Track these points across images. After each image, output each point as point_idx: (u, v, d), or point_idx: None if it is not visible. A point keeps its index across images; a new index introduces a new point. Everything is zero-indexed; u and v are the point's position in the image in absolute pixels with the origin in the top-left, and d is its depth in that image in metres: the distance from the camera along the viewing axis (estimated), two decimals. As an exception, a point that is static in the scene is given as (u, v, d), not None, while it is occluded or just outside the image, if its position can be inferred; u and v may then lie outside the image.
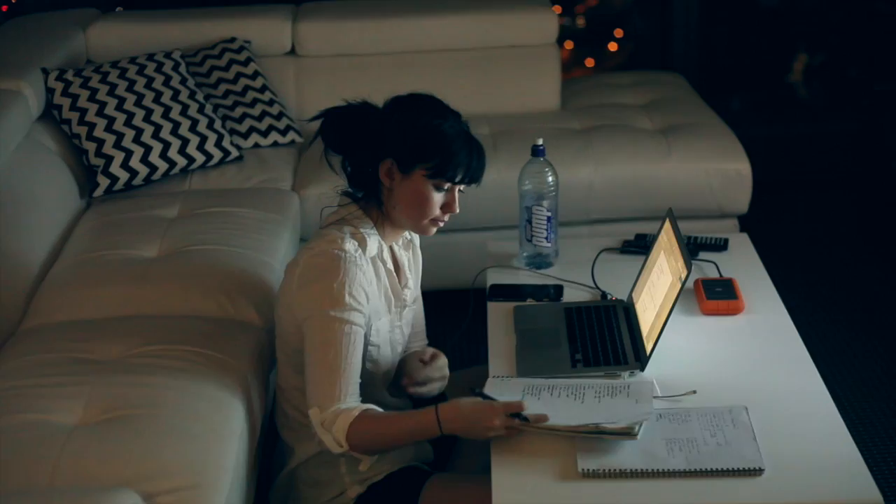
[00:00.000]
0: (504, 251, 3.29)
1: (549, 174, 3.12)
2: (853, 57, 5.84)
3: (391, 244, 2.72)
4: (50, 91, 3.96)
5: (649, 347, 2.65)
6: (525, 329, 2.86)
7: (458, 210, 2.63)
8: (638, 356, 2.69)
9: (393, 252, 2.72)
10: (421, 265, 2.85)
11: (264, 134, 4.33)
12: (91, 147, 3.93)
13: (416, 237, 2.82)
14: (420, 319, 2.92)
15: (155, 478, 2.37)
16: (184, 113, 4.09)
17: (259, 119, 4.34)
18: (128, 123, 3.98)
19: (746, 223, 4.22)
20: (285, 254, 3.56)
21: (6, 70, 3.85)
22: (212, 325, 3.02)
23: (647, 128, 4.45)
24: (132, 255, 3.41)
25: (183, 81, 4.20)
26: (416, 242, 2.83)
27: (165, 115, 4.05)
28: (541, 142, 3.14)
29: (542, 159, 3.12)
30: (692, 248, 3.22)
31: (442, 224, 2.64)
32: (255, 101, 4.38)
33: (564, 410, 2.45)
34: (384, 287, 2.67)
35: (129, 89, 4.06)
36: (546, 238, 3.15)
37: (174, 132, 4.03)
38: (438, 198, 2.59)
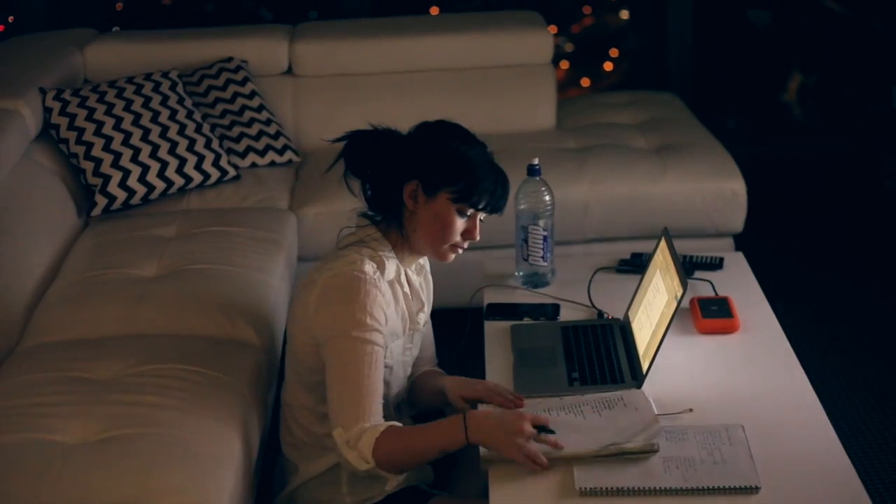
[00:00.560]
0: (501, 270, 3.30)
1: (546, 193, 3.13)
2: (847, 76, 5.87)
3: (407, 269, 2.74)
4: (47, 110, 3.97)
5: (645, 366, 2.66)
6: (522, 348, 2.87)
7: (478, 238, 2.64)
8: (634, 374, 2.70)
9: (407, 276, 2.74)
10: (432, 290, 2.86)
11: (261, 153, 4.34)
12: (89, 166, 3.94)
13: (427, 262, 2.83)
14: (430, 342, 2.93)
15: (154, 497, 2.37)
16: (181, 132, 4.11)
17: (256, 138, 4.36)
18: (125, 143, 3.99)
19: (741, 242, 4.24)
20: (283, 273, 3.57)
21: (3, 89, 3.86)
22: (210, 344, 3.03)
23: (642, 147, 4.47)
24: (130, 274, 3.42)
25: (180, 101, 4.21)
26: (427, 268, 2.84)
27: (163, 135, 4.06)
28: (537, 161, 3.15)
29: (538, 179, 3.14)
30: (688, 267, 3.23)
31: (461, 251, 2.66)
32: (252, 121, 4.39)
33: (573, 431, 2.46)
34: (401, 310, 2.68)
35: (127, 109, 4.07)
36: (542, 257, 3.17)
37: (172, 151, 4.04)
38: (460, 223, 2.61)
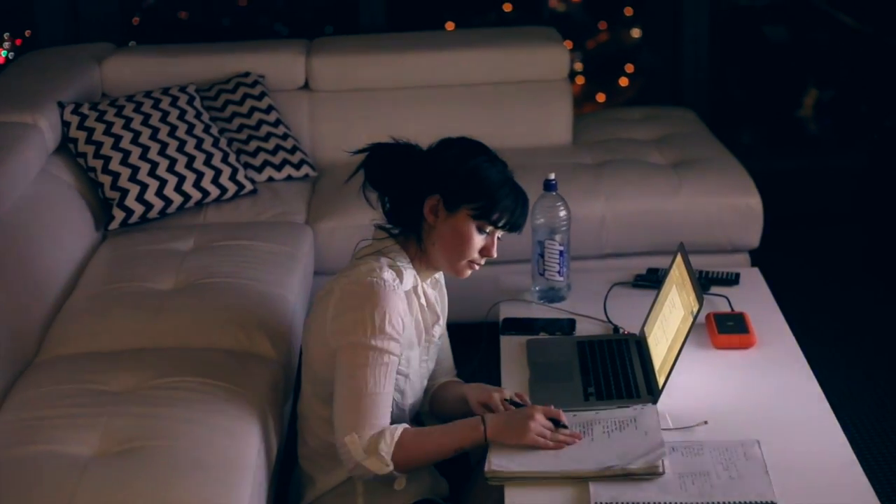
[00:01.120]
0: (517, 285, 3.30)
1: (562, 208, 3.14)
2: (863, 92, 5.87)
3: (423, 282, 2.74)
4: (65, 124, 3.99)
5: (661, 381, 2.66)
6: (538, 362, 2.88)
7: (495, 255, 2.66)
8: (650, 389, 2.70)
9: (423, 289, 2.74)
10: (446, 302, 2.87)
11: (278, 168, 4.36)
12: (106, 180, 3.96)
13: (442, 276, 2.84)
14: (447, 354, 2.95)
15: (170, 509, 2.38)
16: (198, 146, 4.12)
17: (273, 153, 4.37)
18: (143, 157, 4.01)
19: (757, 258, 4.23)
20: (299, 287, 3.58)
21: (22, 103, 3.88)
22: (227, 357, 3.04)
23: (658, 162, 4.47)
24: (147, 287, 3.43)
25: (197, 115, 4.23)
26: (442, 281, 2.85)
27: (180, 149, 4.08)
28: (553, 176, 3.16)
29: (554, 194, 3.14)
30: (704, 283, 3.23)
31: (477, 268, 2.67)
32: (269, 135, 4.40)
33: (579, 450, 2.46)
34: (417, 321, 2.69)
35: (145, 123, 4.09)
36: (558, 272, 3.17)
37: (189, 166, 4.06)
38: (479, 240, 2.62)
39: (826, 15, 5.95)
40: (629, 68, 6.22)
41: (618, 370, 2.80)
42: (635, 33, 6.22)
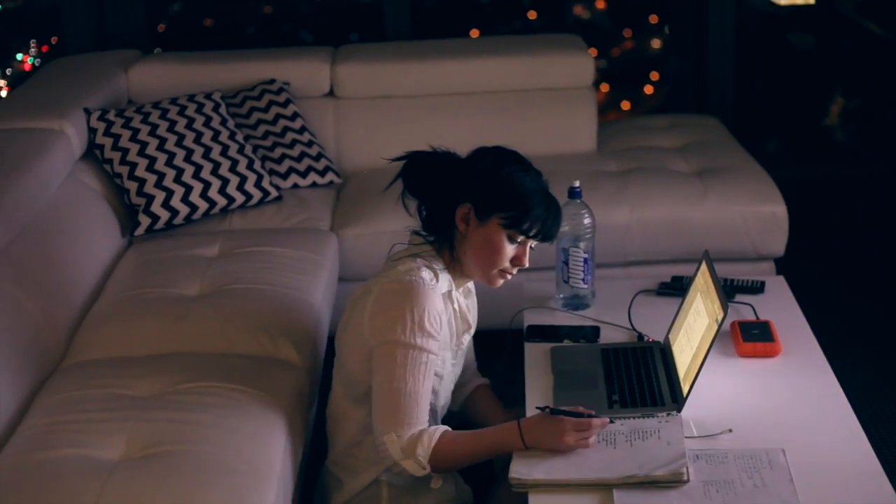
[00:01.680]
0: (541, 292, 3.30)
1: (586, 216, 3.14)
2: (889, 100, 5.84)
3: (456, 290, 2.75)
4: (92, 131, 4.01)
5: (686, 389, 2.65)
6: (562, 370, 2.88)
7: (527, 265, 2.67)
8: (675, 397, 2.70)
9: (456, 297, 2.75)
10: (476, 312, 2.88)
11: (303, 174, 4.37)
12: (132, 186, 3.98)
13: (473, 286, 2.85)
14: (471, 354, 2.98)
15: (195, 514, 2.39)
16: (224, 153, 4.14)
17: (298, 160, 4.38)
18: (169, 163, 4.02)
19: (782, 266, 4.22)
20: (324, 293, 3.59)
21: (49, 110, 3.91)
22: (251, 363, 3.05)
23: (683, 170, 4.46)
24: (173, 293, 3.45)
25: (223, 122, 4.24)
26: (474, 291, 2.86)
27: (206, 156, 4.10)
28: (577, 184, 3.16)
29: (578, 201, 3.14)
30: (728, 291, 3.22)
31: (509, 277, 2.68)
32: (294, 142, 4.42)
33: (601, 458, 2.46)
34: (450, 324, 2.70)
35: (170, 130, 4.11)
36: (583, 279, 3.17)
37: (214, 172, 4.08)
38: (510, 249, 2.63)
39: (852, 22, 5.93)
40: (654, 76, 6.21)
41: (642, 378, 2.80)
42: (660, 41, 6.21)
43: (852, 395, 2.77)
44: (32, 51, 6.01)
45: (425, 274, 2.59)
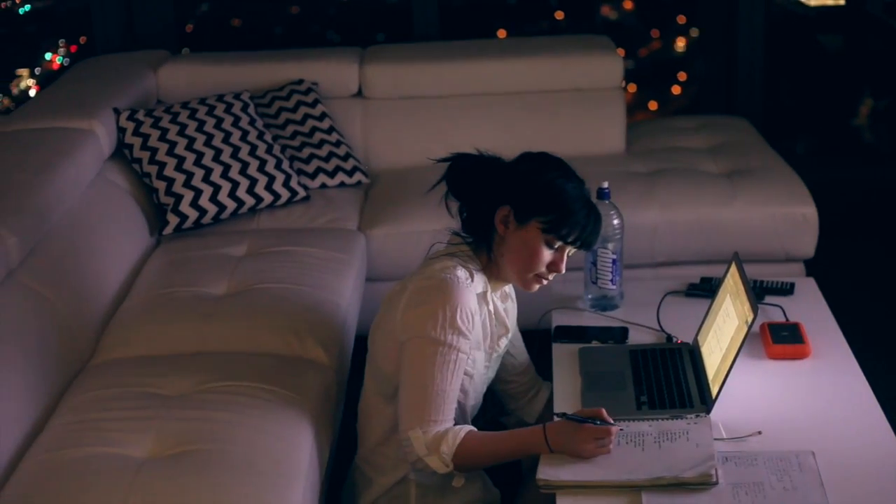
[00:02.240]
0: (569, 293, 3.29)
1: (615, 217, 3.13)
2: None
3: (493, 293, 2.75)
4: (121, 130, 4.03)
5: (715, 390, 2.64)
6: (590, 371, 2.87)
7: (563, 271, 2.66)
8: (704, 399, 2.69)
9: (493, 299, 2.75)
10: (516, 316, 2.88)
11: (331, 174, 4.37)
12: (161, 186, 3.99)
13: (512, 290, 2.85)
14: (521, 349, 2.98)
15: (223, 513, 2.40)
16: (252, 153, 4.15)
17: (326, 160, 4.39)
18: (197, 163, 4.03)
19: (812, 267, 4.20)
20: (352, 293, 3.59)
21: (78, 110, 3.93)
22: (279, 362, 3.05)
23: (712, 171, 4.45)
24: (201, 292, 3.46)
25: (251, 122, 4.25)
26: (513, 295, 2.86)
27: (234, 156, 4.10)
28: (606, 185, 3.15)
29: (607, 202, 3.13)
30: (758, 292, 3.21)
31: (545, 282, 2.68)
32: (322, 143, 4.42)
33: (629, 460, 2.46)
34: (484, 325, 2.70)
35: (199, 129, 4.12)
36: (611, 280, 3.16)
37: (243, 172, 4.08)
38: (547, 255, 2.62)
39: (882, 23, 5.90)
40: (681, 76, 6.19)
41: (671, 379, 2.78)
42: (687, 41, 6.19)
43: (883, 397, 2.75)
44: (61, 50, 6.04)
45: (460, 272, 2.59)
